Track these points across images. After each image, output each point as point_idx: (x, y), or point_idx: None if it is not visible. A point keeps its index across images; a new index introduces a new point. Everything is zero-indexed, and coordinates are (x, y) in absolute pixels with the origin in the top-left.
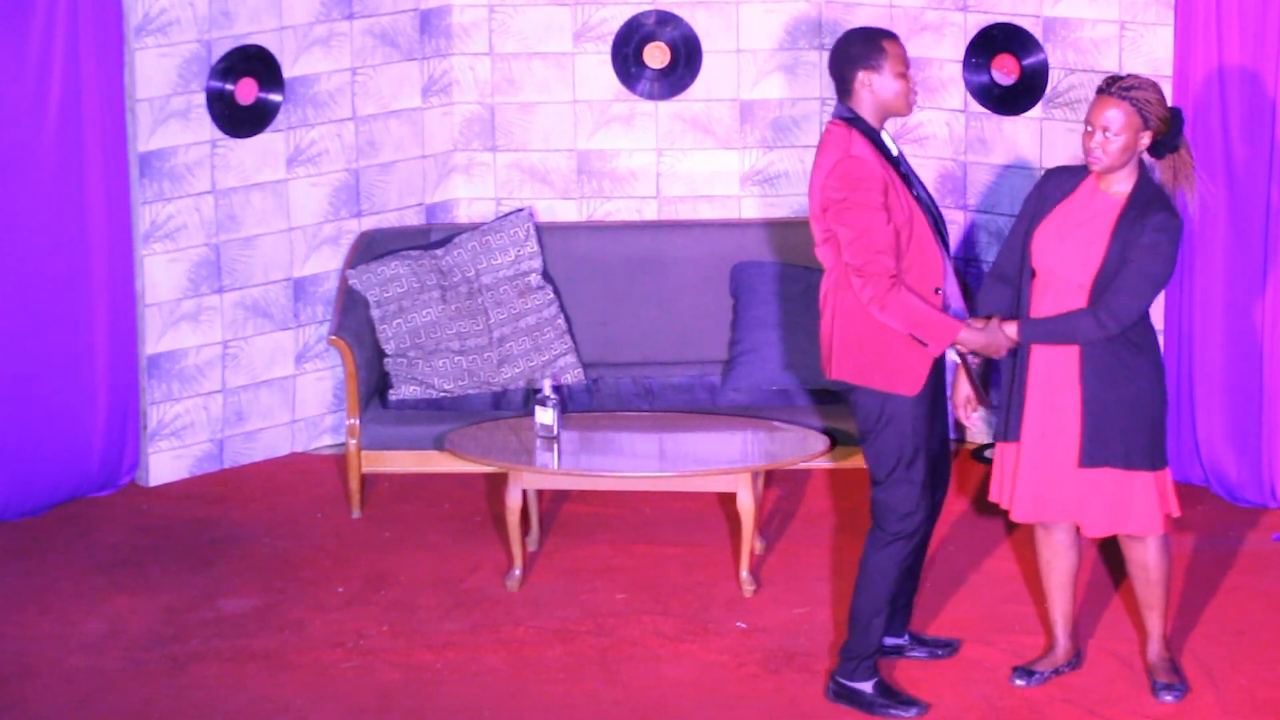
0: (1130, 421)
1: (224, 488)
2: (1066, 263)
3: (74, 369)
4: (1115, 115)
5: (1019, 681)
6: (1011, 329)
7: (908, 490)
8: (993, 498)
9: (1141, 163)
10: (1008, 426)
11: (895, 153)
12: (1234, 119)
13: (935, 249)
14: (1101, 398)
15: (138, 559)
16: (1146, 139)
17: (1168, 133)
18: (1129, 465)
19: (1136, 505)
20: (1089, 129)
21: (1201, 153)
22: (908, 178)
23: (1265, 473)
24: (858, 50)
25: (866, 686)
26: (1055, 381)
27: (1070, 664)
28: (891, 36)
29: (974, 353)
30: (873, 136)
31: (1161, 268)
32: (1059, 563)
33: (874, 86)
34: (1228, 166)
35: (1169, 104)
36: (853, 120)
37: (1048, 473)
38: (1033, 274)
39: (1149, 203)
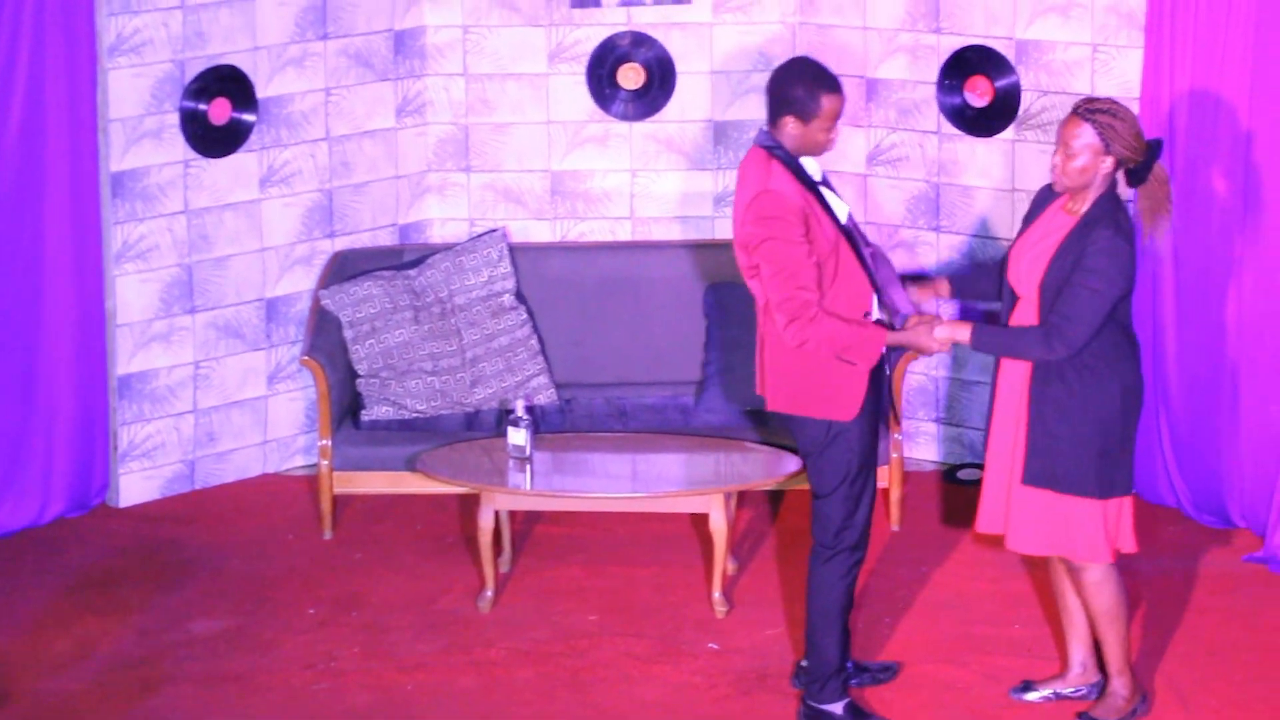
0: (1073, 446)
1: (195, 508)
2: (1021, 277)
3: (43, 389)
4: (1075, 135)
5: (1016, 694)
6: (963, 332)
7: (848, 505)
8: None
9: (1113, 185)
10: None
11: (819, 177)
12: (1194, 141)
13: (861, 274)
14: (1044, 418)
15: (108, 580)
16: (1108, 164)
17: (1140, 163)
18: (1069, 489)
19: (1075, 531)
20: (1055, 147)
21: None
22: (827, 204)
23: (1234, 493)
24: (796, 96)
25: (837, 708)
26: (1014, 398)
27: (1081, 691)
28: (834, 91)
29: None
30: (792, 164)
31: (1104, 288)
32: (1061, 586)
33: (796, 132)
34: (1187, 188)
35: (1141, 132)
36: (773, 149)
37: (998, 485)
38: (1014, 294)
39: (1096, 221)
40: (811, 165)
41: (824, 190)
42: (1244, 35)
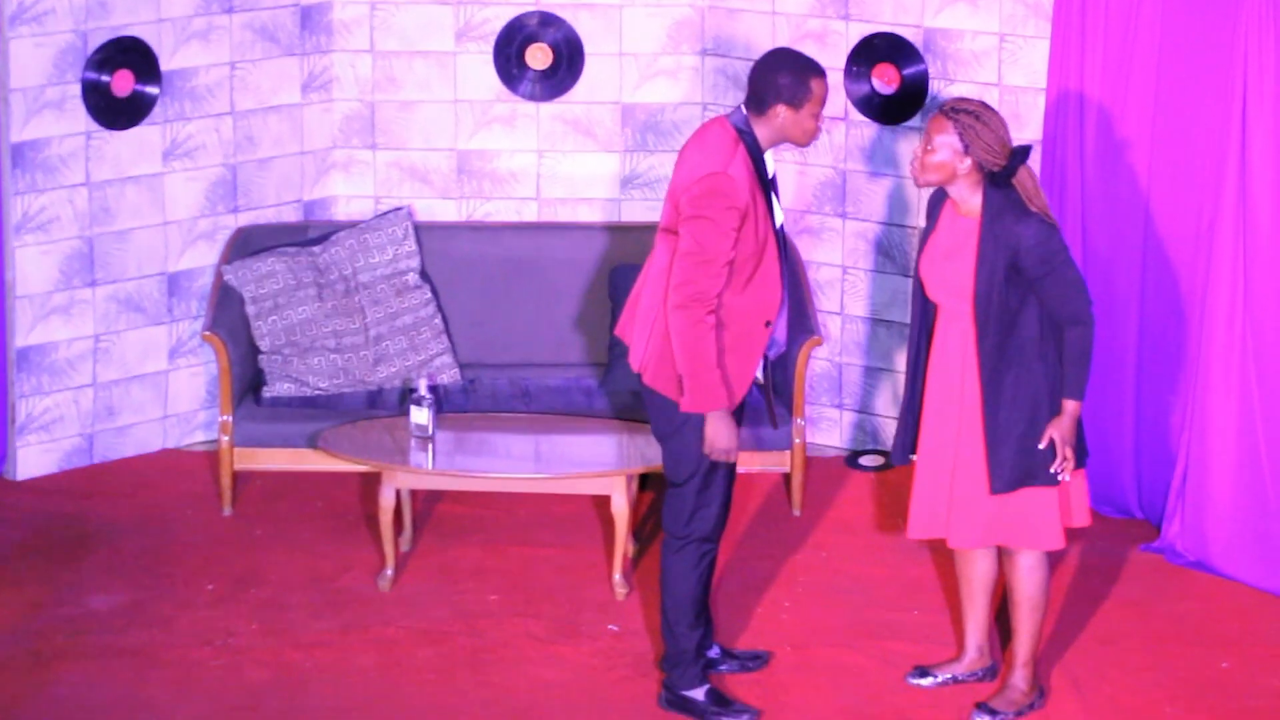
0: (1037, 436)
1: (93, 482)
2: (946, 291)
3: None
4: (938, 132)
5: (913, 679)
6: (1070, 409)
7: (701, 496)
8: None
9: (986, 176)
10: (897, 448)
11: (771, 174)
12: (1100, 133)
13: (778, 284)
14: (1000, 420)
15: (3, 554)
16: (966, 164)
17: (1003, 168)
18: (1045, 481)
19: (1033, 520)
20: (922, 139)
21: (1061, 168)
22: (770, 205)
23: (1133, 485)
24: (785, 83)
25: (698, 694)
26: (950, 397)
27: (976, 675)
28: (821, 76)
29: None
30: (755, 155)
31: (1062, 260)
32: (969, 570)
33: (788, 121)
34: (1092, 182)
35: (1006, 139)
36: (745, 134)
37: (935, 489)
38: (932, 304)
39: (999, 216)
40: (769, 162)
41: (771, 192)
42: (1151, 27)
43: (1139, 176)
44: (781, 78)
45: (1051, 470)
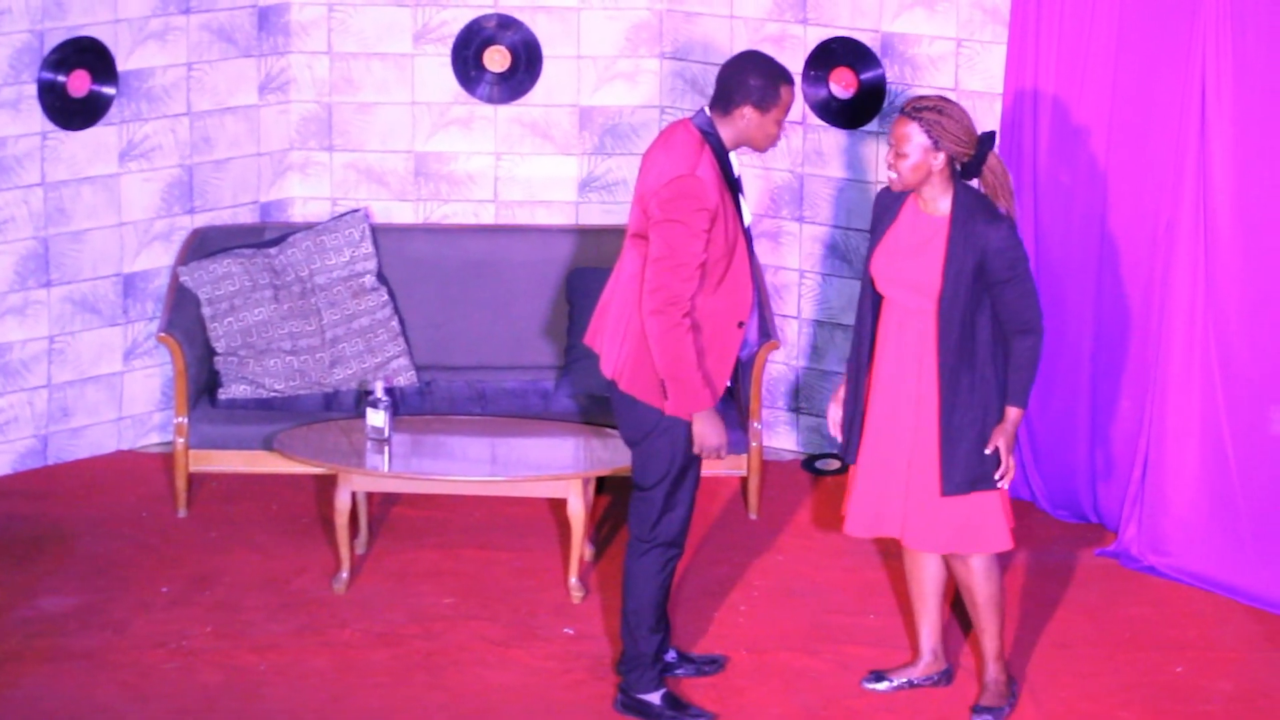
0: (985, 442)
1: (47, 484)
2: (908, 288)
3: None
4: (904, 134)
5: (868, 684)
6: (1013, 417)
7: (668, 500)
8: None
9: (957, 176)
10: (849, 448)
11: (736, 173)
12: (1055, 138)
13: (749, 284)
14: (953, 425)
15: None
16: (940, 160)
17: (972, 157)
18: (993, 485)
19: (983, 523)
20: (889, 147)
21: (1016, 171)
22: (738, 204)
23: (1088, 489)
24: (756, 85)
25: (654, 698)
26: (900, 396)
27: (932, 679)
28: (791, 84)
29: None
30: (721, 156)
31: (1025, 269)
32: (919, 573)
33: (752, 123)
34: (1047, 186)
35: (971, 127)
36: (709, 135)
37: (878, 488)
38: (879, 298)
39: (971, 217)
40: (734, 162)
41: (738, 192)
42: (1107, 33)
43: (1095, 179)
44: (753, 79)
45: (996, 477)
